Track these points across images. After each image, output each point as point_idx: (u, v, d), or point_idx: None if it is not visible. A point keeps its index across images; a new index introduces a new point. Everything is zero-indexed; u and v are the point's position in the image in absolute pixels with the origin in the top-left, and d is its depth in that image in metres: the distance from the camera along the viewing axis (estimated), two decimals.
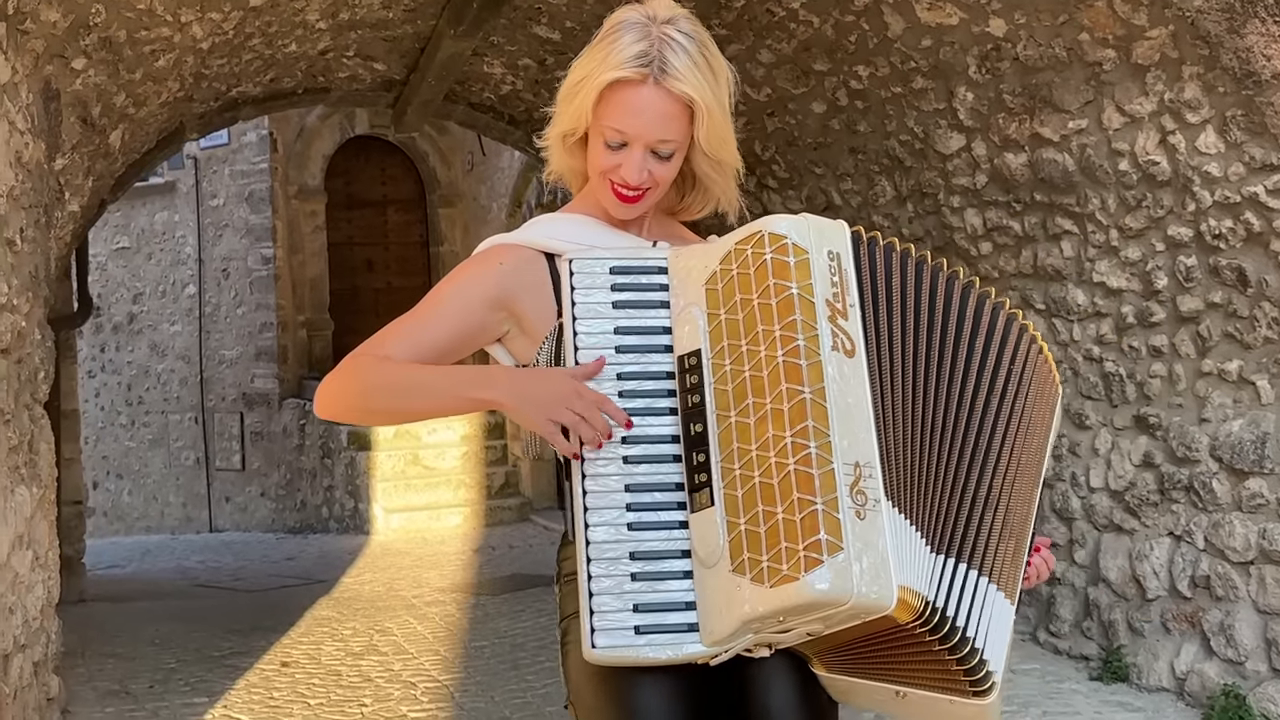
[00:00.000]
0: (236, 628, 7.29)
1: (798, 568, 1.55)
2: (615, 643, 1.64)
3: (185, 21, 4.92)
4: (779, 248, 1.68)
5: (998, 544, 1.73)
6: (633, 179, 1.85)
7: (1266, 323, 4.22)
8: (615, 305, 1.74)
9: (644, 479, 1.69)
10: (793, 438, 1.60)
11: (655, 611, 1.64)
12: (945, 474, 1.72)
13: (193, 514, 14.22)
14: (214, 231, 14.04)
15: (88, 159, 5.17)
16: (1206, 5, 3.77)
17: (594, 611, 1.64)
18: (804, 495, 1.57)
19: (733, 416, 1.65)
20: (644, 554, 1.66)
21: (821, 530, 1.55)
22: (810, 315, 1.65)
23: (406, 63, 7.53)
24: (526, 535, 11.44)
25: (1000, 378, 1.80)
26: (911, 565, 1.62)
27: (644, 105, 1.82)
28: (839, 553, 1.54)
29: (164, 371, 14.59)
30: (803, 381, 1.62)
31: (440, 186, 14.19)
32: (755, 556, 1.58)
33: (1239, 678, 4.38)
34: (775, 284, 1.66)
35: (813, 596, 1.54)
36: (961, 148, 5.33)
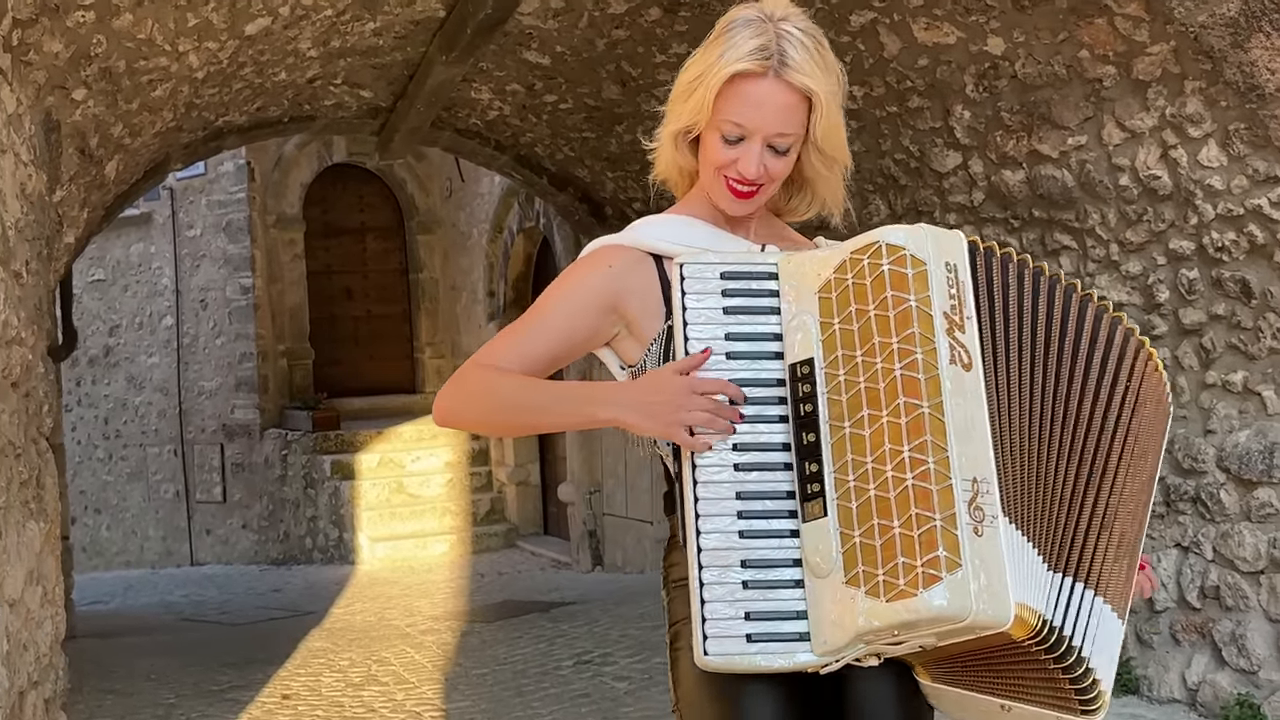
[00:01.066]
0: (231, 661, 7.21)
1: (915, 583, 1.55)
2: (727, 650, 1.64)
3: (183, 51, 4.90)
4: (897, 259, 1.68)
5: (1112, 563, 1.73)
6: (751, 172, 1.85)
7: (1271, 333, 4.26)
8: (726, 310, 1.74)
9: (755, 486, 1.69)
10: (911, 452, 1.60)
11: (767, 620, 1.65)
12: (1061, 491, 1.72)
13: (173, 548, 14.08)
14: (191, 262, 13.95)
15: (84, 190, 5.13)
16: (1210, 20, 3.81)
17: (706, 619, 1.65)
18: (922, 511, 1.57)
19: (847, 428, 1.65)
20: (755, 562, 1.66)
21: (940, 547, 1.55)
22: (928, 328, 1.65)
23: (394, 90, 7.52)
24: (514, 562, 11.40)
25: (1117, 394, 1.80)
26: (1028, 582, 1.63)
27: (764, 97, 1.83)
28: (957, 569, 1.55)
29: (142, 404, 14.47)
30: (921, 395, 1.62)
31: (419, 213, 14.17)
32: (870, 570, 1.58)
33: (1253, 687, 4.40)
34: (893, 296, 1.66)
35: (930, 613, 1.55)
36: (958, 165, 5.36)
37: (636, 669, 6.19)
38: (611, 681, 6.01)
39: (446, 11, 6.04)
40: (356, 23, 5.99)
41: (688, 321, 1.73)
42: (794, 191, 1.99)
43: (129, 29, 4.36)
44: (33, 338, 4.13)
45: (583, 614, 8.01)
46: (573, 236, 10.03)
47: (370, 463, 12.67)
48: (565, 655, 6.73)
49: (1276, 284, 4.19)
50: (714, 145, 1.87)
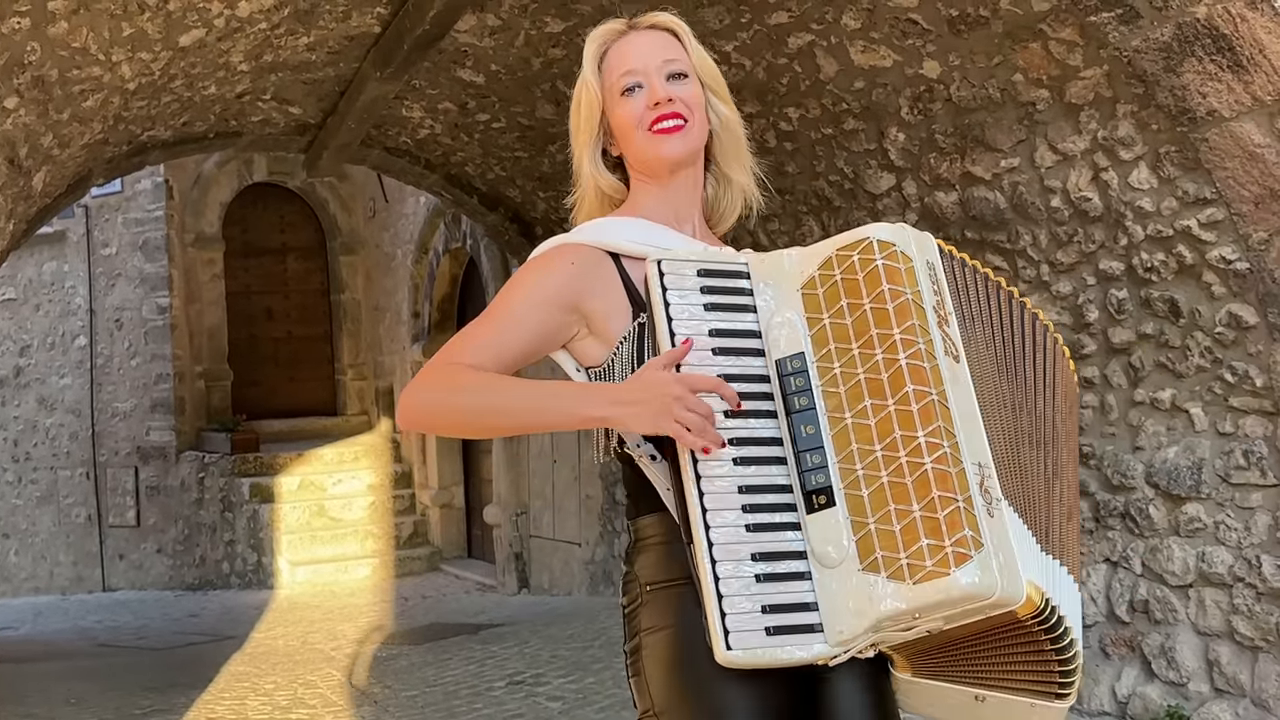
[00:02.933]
0: (152, 686, 7.05)
1: (945, 564, 1.57)
2: (750, 644, 1.63)
3: (116, 61, 4.82)
4: (890, 254, 1.71)
5: (1070, 535, 1.83)
6: (660, 92, 1.90)
7: (1199, 352, 4.37)
8: (708, 307, 1.74)
9: (756, 480, 1.70)
10: (927, 437, 1.62)
11: (784, 612, 1.65)
12: (1034, 474, 1.79)
13: (84, 573, 13.73)
14: (106, 281, 13.67)
15: (11, 201, 5.02)
16: (1144, 45, 3.92)
17: (726, 613, 1.63)
18: (944, 493, 1.60)
19: (849, 418, 1.67)
20: (766, 555, 1.66)
21: (965, 527, 1.58)
22: (924, 320, 1.69)
23: (324, 106, 7.46)
24: (438, 585, 11.29)
25: (1052, 385, 1.90)
26: (1031, 561, 1.68)
27: (634, 42, 1.95)
28: (981, 549, 1.58)
29: (53, 426, 14.12)
30: (928, 383, 1.65)
31: (341, 234, 14.04)
32: (891, 554, 1.60)
33: (1182, 699, 4.49)
34: (890, 289, 1.69)
35: (961, 591, 1.57)
36: (892, 187, 5.44)
37: (570, 689, 6.15)
38: (545, 702, 5.97)
39: (382, 28, 6.01)
40: (291, 37, 5.94)
41: (672, 317, 1.72)
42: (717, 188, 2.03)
43: (64, 37, 4.28)
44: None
45: (512, 635, 7.95)
46: (500, 257, 10.00)
47: (290, 485, 12.48)
48: (497, 676, 6.67)
49: (1204, 304, 4.30)
50: (623, 109, 1.93)
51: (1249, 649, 4.28)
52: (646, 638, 1.81)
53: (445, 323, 11.99)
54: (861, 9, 4.74)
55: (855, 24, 4.84)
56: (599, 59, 1.96)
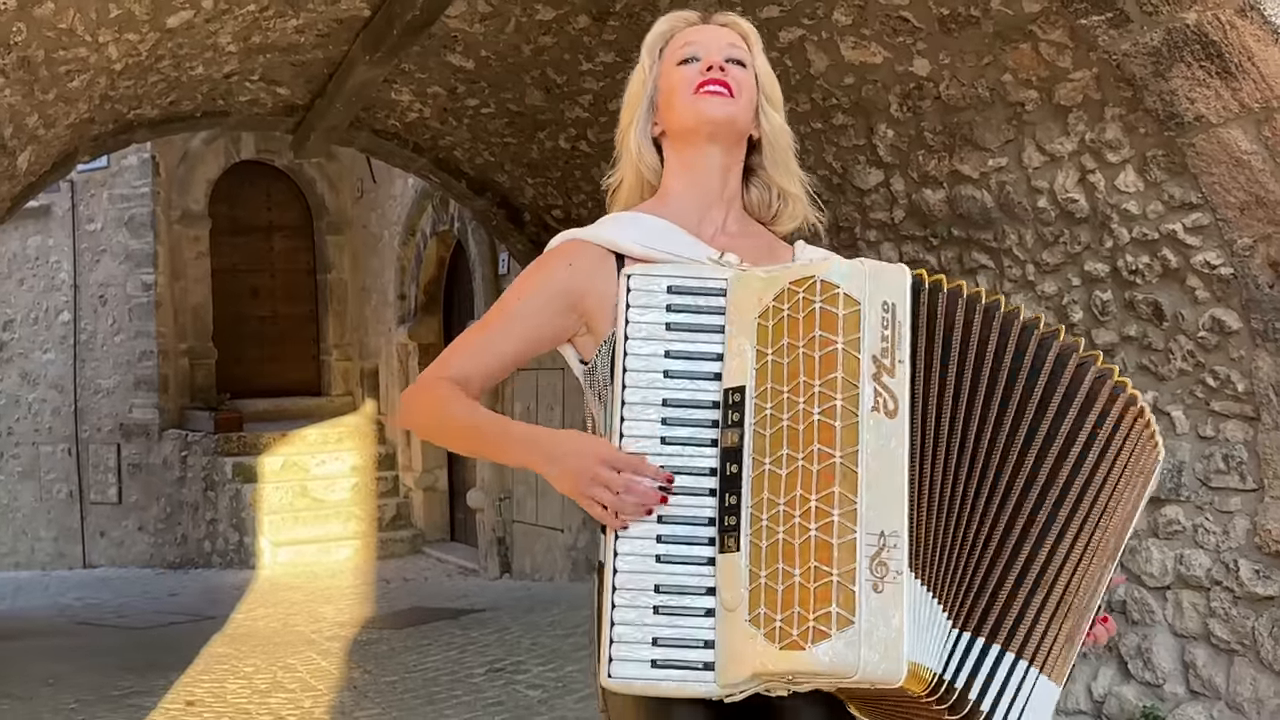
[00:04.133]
0: (131, 666, 7.05)
1: (806, 637, 1.55)
2: (630, 674, 1.65)
3: (103, 42, 4.79)
4: (829, 297, 1.64)
5: (1046, 624, 1.68)
6: (715, 57, 1.91)
7: (1181, 355, 4.38)
8: (669, 327, 1.71)
9: (678, 511, 1.68)
10: (817, 502, 1.58)
11: (674, 647, 1.64)
12: (991, 547, 1.67)
13: (65, 549, 13.70)
14: (91, 257, 13.60)
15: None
16: (1133, 49, 3.92)
17: (613, 641, 1.65)
18: (820, 564, 1.57)
19: (767, 464, 1.63)
20: (669, 588, 1.65)
21: (833, 603, 1.55)
22: (853, 373, 1.61)
23: (312, 88, 7.42)
24: (420, 568, 11.29)
25: (1076, 445, 1.70)
26: (929, 640, 1.61)
27: (705, 30, 1.97)
28: (848, 627, 1.54)
29: (35, 401, 14.07)
30: (835, 444, 1.59)
31: (328, 213, 13.99)
32: (770, 613, 1.58)
33: (1157, 700, 4.52)
34: (821, 336, 1.63)
35: (815, 668, 1.56)
36: (880, 183, 5.44)
37: (549, 677, 6.17)
38: (525, 690, 5.99)
39: (372, 11, 5.98)
40: (279, 19, 5.91)
41: (628, 337, 1.71)
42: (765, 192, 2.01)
43: (50, 18, 4.25)
44: None
45: (493, 621, 7.96)
46: (488, 241, 9.99)
47: (273, 466, 12.46)
48: (476, 663, 6.68)
49: (1188, 307, 4.31)
50: (675, 75, 1.93)
51: (1225, 652, 4.31)
52: None
53: (431, 305, 11.97)
54: (853, 5, 4.73)
55: (846, 20, 4.83)
56: (664, 40, 1.97)
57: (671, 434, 1.69)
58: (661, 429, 1.68)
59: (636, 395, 1.69)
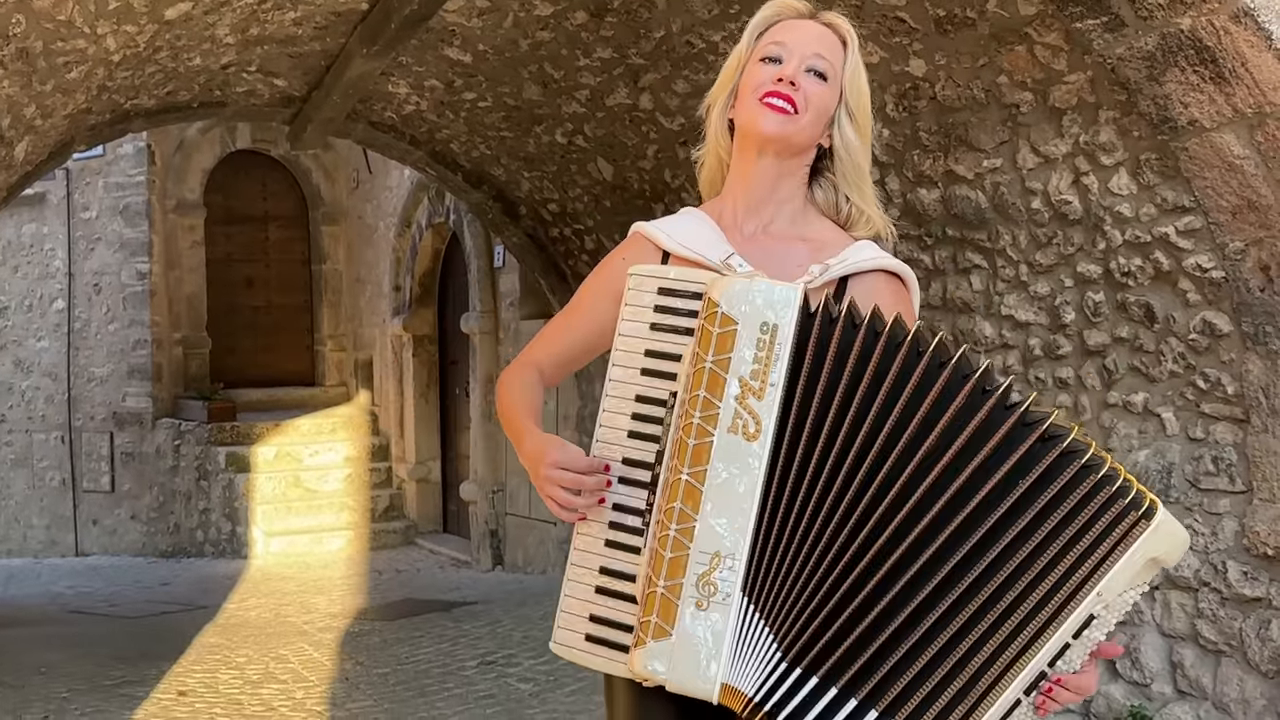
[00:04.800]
0: (124, 655, 7.06)
1: (639, 640, 1.67)
2: (569, 643, 1.79)
3: (101, 34, 4.79)
4: (709, 315, 1.69)
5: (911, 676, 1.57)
6: (789, 71, 1.88)
7: (1172, 357, 4.41)
8: (653, 326, 1.78)
9: (628, 501, 1.77)
10: (662, 515, 1.69)
11: (606, 626, 1.75)
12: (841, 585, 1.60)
13: (58, 537, 13.69)
14: (85, 245, 13.58)
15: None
16: (1128, 53, 3.94)
17: (561, 612, 1.79)
18: (652, 574, 1.68)
19: (663, 471, 1.73)
20: (613, 571, 1.75)
21: (655, 613, 1.66)
22: (717, 391, 1.66)
23: (309, 80, 7.43)
24: (412, 559, 11.31)
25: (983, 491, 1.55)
26: (751, 664, 1.63)
27: (802, 26, 1.95)
28: (665, 638, 1.65)
29: (29, 389, 14.05)
30: (684, 460, 1.68)
31: (324, 204, 13.98)
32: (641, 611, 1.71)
33: (1145, 700, 4.55)
34: (696, 353, 1.70)
35: (640, 671, 1.68)
36: (875, 182, 5.44)
37: (541, 671, 6.19)
38: (516, 683, 6.01)
39: (370, 5, 5.99)
40: (277, 11, 5.91)
41: (619, 334, 1.80)
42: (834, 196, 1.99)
43: (49, 10, 4.26)
44: None
45: (485, 614, 7.98)
46: (484, 234, 9.99)
47: (267, 455, 12.47)
48: (468, 656, 6.71)
49: (1179, 310, 4.34)
50: (754, 72, 1.92)
51: (1212, 652, 4.34)
52: None
53: (426, 297, 11.97)
54: (850, 5, 4.74)
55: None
56: (765, 26, 1.97)
57: (637, 429, 1.77)
58: (630, 423, 1.77)
59: (616, 389, 1.79)
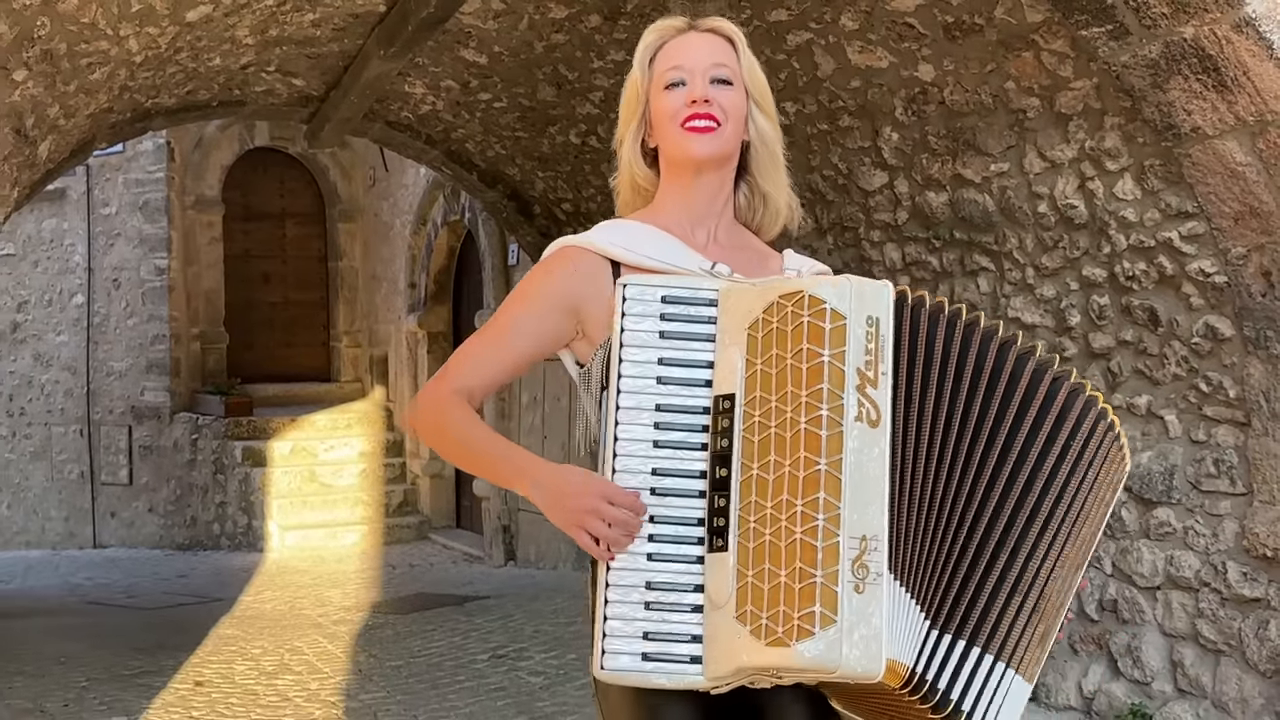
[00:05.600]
0: (141, 646, 7.17)
1: (790, 634, 1.64)
2: (622, 666, 1.73)
3: (123, 35, 4.88)
4: (816, 312, 1.73)
5: (1020, 627, 1.78)
6: (699, 91, 1.94)
7: (1175, 360, 4.47)
8: (662, 335, 1.79)
9: (669, 512, 1.76)
10: (803, 507, 1.67)
11: (663, 641, 1.73)
12: (965, 553, 1.77)
13: (76, 529, 13.84)
14: (105, 240, 13.72)
15: (15, 169, 5.10)
16: (1132, 61, 4.00)
17: (605, 635, 1.73)
18: (805, 566, 1.66)
19: (755, 469, 1.72)
20: (660, 584, 1.74)
21: (817, 603, 1.64)
22: (838, 384, 1.70)
23: (327, 80, 7.52)
24: (426, 554, 11.41)
25: (1050, 457, 1.80)
26: (906, 638, 1.71)
27: (690, 42, 1.99)
28: (831, 626, 1.64)
29: (48, 382, 14.20)
30: (820, 452, 1.68)
31: (341, 201, 14.10)
32: (756, 611, 1.67)
33: (1145, 698, 4.61)
34: (808, 348, 1.72)
35: (800, 664, 1.65)
36: (884, 185, 5.53)
37: (551, 664, 6.28)
38: (527, 676, 6.10)
39: (387, 7, 6.07)
40: (296, 13, 6.00)
41: (624, 344, 1.79)
42: (750, 199, 2.06)
43: (73, 12, 4.35)
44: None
45: (497, 608, 8.07)
46: (498, 233, 10.08)
47: (282, 450, 12.59)
48: (480, 649, 6.79)
49: (1182, 314, 4.39)
50: (663, 101, 1.96)
51: (1211, 652, 4.40)
52: None
53: (441, 294, 12.07)
54: (860, 10, 4.81)
55: (853, 25, 4.91)
56: (653, 51, 2.01)
57: (663, 438, 1.77)
58: (654, 433, 1.77)
59: (631, 400, 1.78)
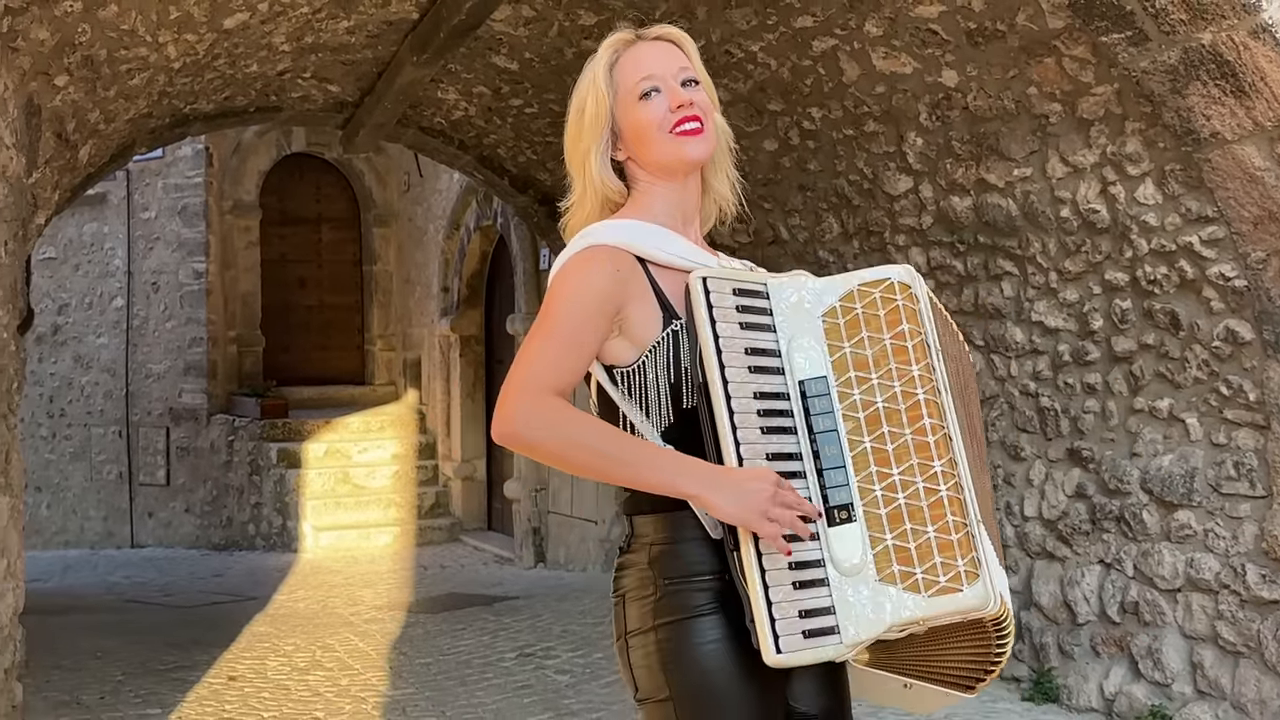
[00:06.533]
0: (176, 642, 7.29)
1: (958, 580, 1.78)
2: (794, 647, 1.78)
3: (162, 42, 5.00)
4: (909, 296, 1.90)
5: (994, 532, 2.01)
6: (682, 95, 1.99)
7: (1196, 364, 4.50)
8: (743, 325, 1.86)
9: None
10: (943, 467, 1.82)
11: (814, 616, 1.79)
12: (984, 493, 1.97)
13: (114, 529, 14.04)
14: (144, 244, 13.92)
15: (57, 173, 5.22)
16: (1152, 67, 4.04)
17: (776, 619, 1.77)
18: (958, 518, 1.81)
19: (867, 442, 1.83)
20: (799, 564, 1.80)
21: (975, 549, 1.80)
22: (934, 359, 1.89)
23: (361, 86, 7.64)
24: (457, 555, 11.51)
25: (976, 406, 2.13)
26: (999, 574, 1.89)
27: (646, 51, 2.03)
28: (982, 569, 1.80)
29: (88, 384, 14.41)
30: (941, 418, 1.85)
31: (375, 206, 14.25)
32: (907, 569, 1.78)
33: (1165, 699, 4.63)
34: (909, 328, 1.88)
35: (970, 604, 1.78)
36: (909, 189, 5.58)
37: (578, 663, 6.35)
38: (553, 674, 6.17)
39: (420, 14, 6.18)
40: (331, 20, 6.12)
41: (719, 335, 1.83)
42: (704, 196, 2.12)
43: (114, 19, 4.47)
44: (6, 315, 4.23)
45: (526, 609, 8.15)
46: (530, 237, 10.17)
47: (317, 452, 12.73)
48: (508, 648, 6.88)
49: (1203, 318, 4.42)
50: (642, 112, 1.99)
51: (1231, 654, 4.42)
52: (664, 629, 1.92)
53: (474, 299, 12.18)
54: (884, 17, 4.87)
55: (877, 31, 4.97)
56: (610, 66, 2.02)
57: (768, 424, 1.84)
58: (760, 420, 1.83)
59: (737, 390, 1.83)
